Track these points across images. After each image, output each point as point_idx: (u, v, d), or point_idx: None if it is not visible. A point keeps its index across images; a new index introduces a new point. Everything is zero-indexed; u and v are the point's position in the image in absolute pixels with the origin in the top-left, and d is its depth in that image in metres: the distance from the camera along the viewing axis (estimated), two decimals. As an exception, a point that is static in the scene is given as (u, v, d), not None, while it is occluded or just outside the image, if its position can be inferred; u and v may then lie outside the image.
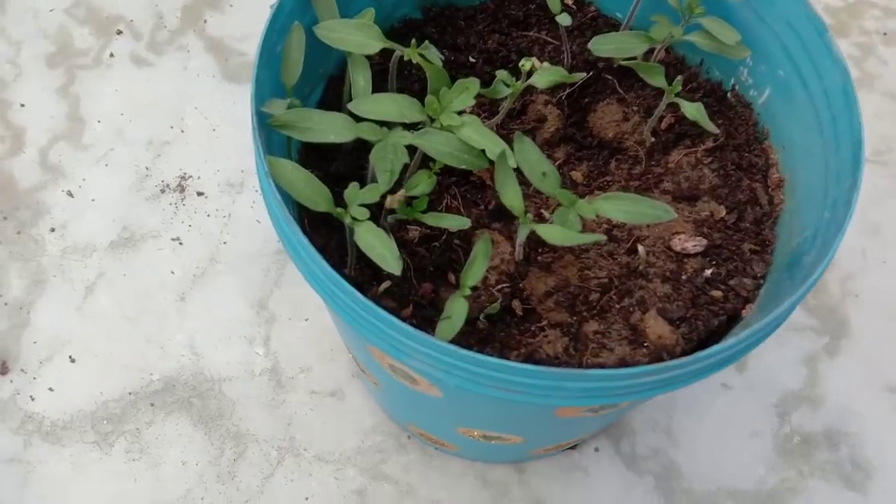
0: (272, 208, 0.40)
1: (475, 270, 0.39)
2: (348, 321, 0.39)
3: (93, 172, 0.78)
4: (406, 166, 0.42)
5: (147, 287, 0.73)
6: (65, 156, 0.79)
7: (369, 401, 0.68)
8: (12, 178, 0.77)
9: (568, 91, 0.54)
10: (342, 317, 0.39)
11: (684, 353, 0.43)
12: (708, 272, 0.46)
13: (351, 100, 0.44)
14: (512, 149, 0.42)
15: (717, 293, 0.46)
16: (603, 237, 0.42)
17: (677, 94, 0.48)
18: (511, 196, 0.40)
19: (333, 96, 0.52)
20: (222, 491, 0.65)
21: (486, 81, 0.51)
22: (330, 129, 0.40)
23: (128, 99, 0.82)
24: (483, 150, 0.42)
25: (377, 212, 0.43)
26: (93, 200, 0.76)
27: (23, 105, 0.81)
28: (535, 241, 0.47)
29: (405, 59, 0.44)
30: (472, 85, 0.42)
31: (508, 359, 0.43)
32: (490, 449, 0.59)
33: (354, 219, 0.39)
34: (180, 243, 0.75)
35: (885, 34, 0.90)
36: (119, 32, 0.86)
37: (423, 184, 0.41)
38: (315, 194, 0.39)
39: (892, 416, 0.70)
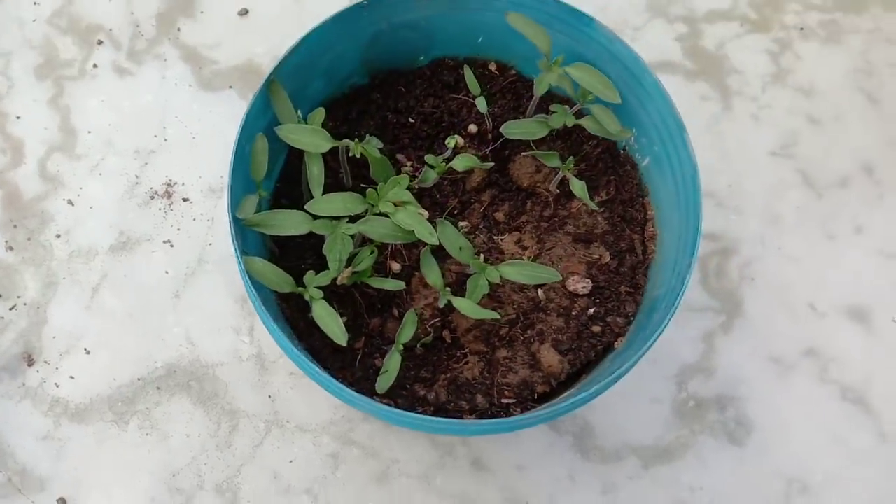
0: (250, 292, 0.52)
1: (406, 333, 0.52)
2: (312, 378, 0.52)
3: (88, 182, 0.88)
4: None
5: (145, 286, 0.84)
6: (62, 166, 0.88)
7: (339, 381, 0.81)
8: (17, 189, 0.87)
9: (491, 147, 0.64)
10: (307, 374, 0.52)
11: (568, 377, 0.56)
12: (591, 310, 0.58)
13: (307, 184, 0.55)
14: (435, 228, 0.54)
15: (597, 328, 0.58)
16: (496, 315, 0.54)
17: (570, 170, 0.59)
18: (433, 277, 0.52)
19: (294, 164, 0.62)
20: (221, 458, 0.79)
21: (423, 137, 0.61)
22: (290, 225, 0.51)
23: (113, 109, 0.91)
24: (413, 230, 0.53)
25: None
26: (91, 208, 0.87)
27: (18, 117, 0.90)
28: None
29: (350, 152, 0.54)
30: (403, 180, 0.53)
31: (437, 381, 0.57)
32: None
33: (312, 297, 0.51)
34: (171, 245, 0.86)
35: (801, 29, 0.98)
36: (100, 42, 0.93)
37: (365, 260, 0.53)
38: (281, 280, 0.50)
39: (772, 381, 0.84)
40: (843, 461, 0.81)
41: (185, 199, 0.87)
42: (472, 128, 0.64)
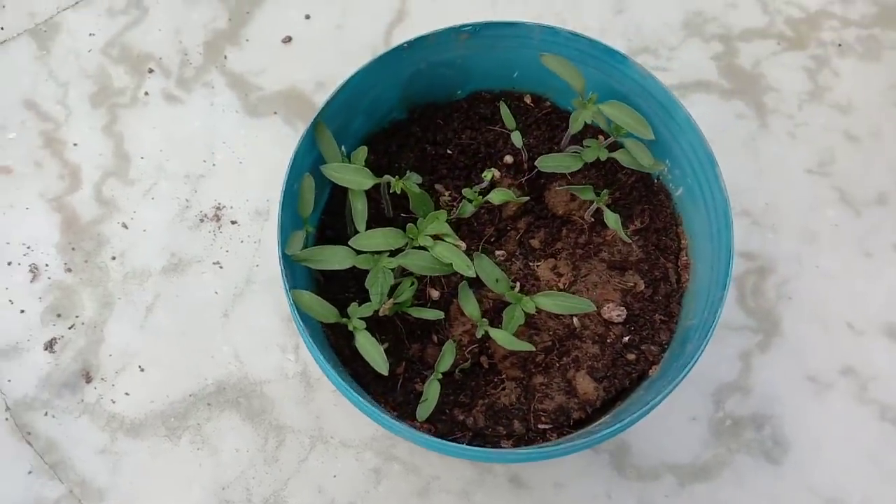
0: (297, 323, 0.55)
1: (445, 362, 0.54)
2: (354, 404, 0.54)
3: (141, 206, 0.92)
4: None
5: (196, 306, 0.88)
6: (116, 191, 0.93)
7: (380, 399, 0.84)
8: (75, 213, 0.92)
9: (526, 177, 0.66)
10: (350, 402, 0.54)
11: (603, 404, 0.58)
12: (626, 338, 0.60)
13: (351, 217, 0.57)
14: (472, 260, 0.56)
15: (631, 356, 0.60)
16: (531, 347, 0.56)
17: (605, 202, 0.60)
18: (470, 309, 0.54)
19: (338, 198, 0.65)
20: (268, 472, 0.83)
21: (461, 167, 0.63)
22: (335, 260, 0.54)
23: (164, 136, 0.95)
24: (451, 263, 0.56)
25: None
26: (144, 231, 0.91)
27: (75, 144, 0.95)
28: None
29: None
30: (441, 215, 0.55)
31: (475, 406, 0.59)
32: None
33: (356, 328, 0.53)
34: (220, 267, 0.90)
35: (839, 45, 0.98)
36: (150, 71, 0.98)
37: (406, 292, 0.55)
38: (326, 312, 0.53)
39: (809, 400, 0.84)
40: (881, 482, 0.81)
41: (233, 222, 0.91)
42: (509, 158, 0.66)
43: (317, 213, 0.66)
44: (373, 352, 0.52)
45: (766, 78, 0.97)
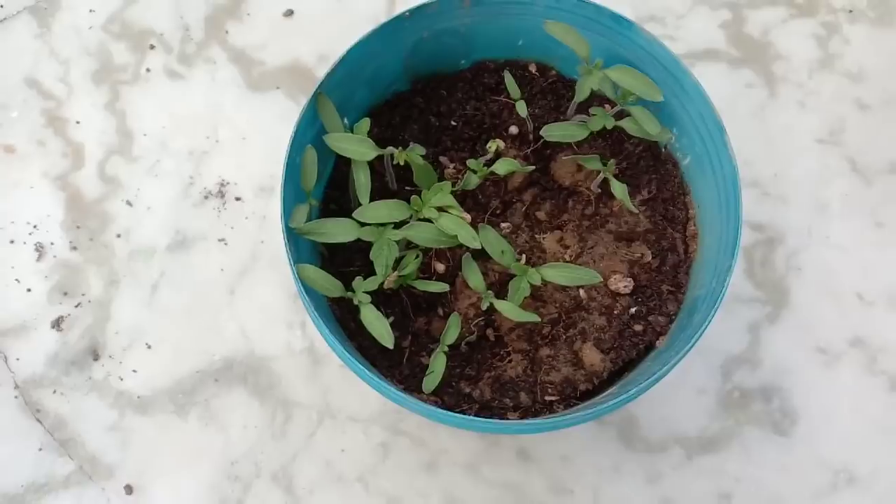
0: (303, 297, 0.54)
1: (450, 335, 0.54)
2: (362, 378, 0.54)
3: (145, 183, 0.92)
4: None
5: (202, 283, 0.88)
6: (119, 168, 0.92)
7: (387, 373, 0.84)
8: (79, 191, 0.92)
9: (532, 147, 0.65)
10: (357, 375, 0.54)
11: (610, 375, 0.58)
12: (633, 310, 0.59)
13: (355, 190, 0.57)
14: (478, 232, 0.55)
15: (638, 327, 0.59)
16: (537, 318, 0.55)
17: (611, 172, 0.59)
18: (475, 281, 0.53)
19: (342, 170, 0.65)
20: (276, 447, 0.83)
21: (465, 139, 0.63)
22: (339, 233, 0.53)
23: (167, 112, 0.94)
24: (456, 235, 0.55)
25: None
26: (148, 208, 0.91)
27: (78, 122, 0.94)
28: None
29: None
30: (445, 186, 0.55)
31: (482, 379, 0.58)
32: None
33: (361, 301, 0.53)
34: (225, 244, 0.89)
35: (850, 11, 0.96)
36: (152, 47, 0.97)
37: (410, 265, 0.55)
38: (331, 286, 0.53)
39: (818, 372, 0.84)
40: (890, 454, 0.81)
41: (237, 199, 0.90)
42: (514, 129, 0.65)
43: (320, 187, 0.65)
44: (378, 326, 0.52)
45: (776, 46, 0.95)
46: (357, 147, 0.55)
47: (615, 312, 0.60)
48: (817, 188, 0.89)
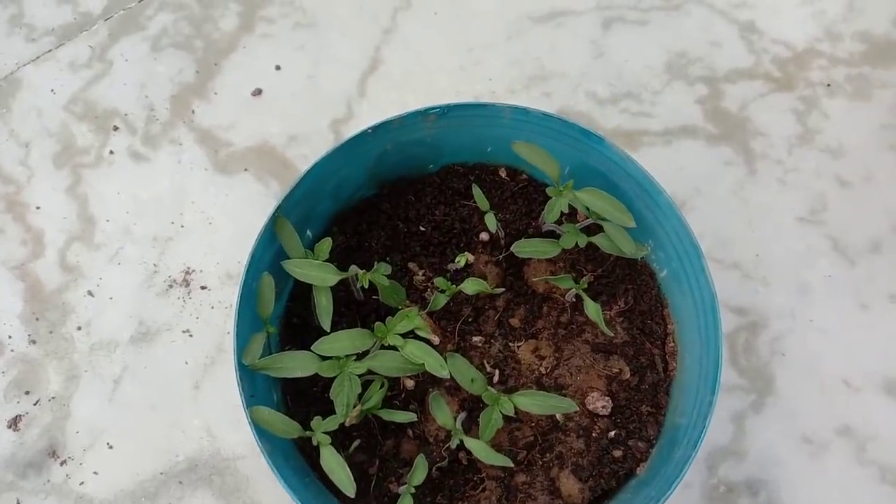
0: (258, 441, 0.51)
1: (417, 476, 0.51)
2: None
3: (107, 271, 0.88)
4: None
5: (165, 377, 0.84)
6: (81, 256, 0.89)
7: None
8: (39, 281, 0.88)
9: (504, 253, 0.63)
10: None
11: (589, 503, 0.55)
12: (612, 433, 0.56)
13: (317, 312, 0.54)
14: (445, 360, 0.52)
15: (618, 452, 0.56)
16: (510, 462, 0.52)
17: (583, 289, 0.57)
18: (443, 418, 0.50)
19: (305, 284, 0.62)
20: (244, 553, 0.79)
21: (435, 244, 0.60)
22: (297, 367, 0.50)
23: (130, 196, 0.91)
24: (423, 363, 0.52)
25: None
26: (110, 299, 0.87)
27: (38, 207, 0.91)
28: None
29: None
30: (412, 314, 0.52)
31: (454, 507, 0.55)
32: None
33: (320, 442, 0.50)
34: (190, 335, 0.86)
35: (828, 85, 0.95)
36: (115, 128, 0.94)
37: (375, 395, 0.52)
38: (288, 427, 0.49)
39: (805, 463, 0.81)
40: (882, 552, 0.78)
41: (202, 287, 0.87)
42: (485, 236, 0.63)
43: (282, 301, 0.62)
44: (338, 471, 0.48)
45: (754, 121, 0.94)
46: (318, 273, 0.52)
47: (594, 435, 0.57)
48: (799, 269, 0.87)
